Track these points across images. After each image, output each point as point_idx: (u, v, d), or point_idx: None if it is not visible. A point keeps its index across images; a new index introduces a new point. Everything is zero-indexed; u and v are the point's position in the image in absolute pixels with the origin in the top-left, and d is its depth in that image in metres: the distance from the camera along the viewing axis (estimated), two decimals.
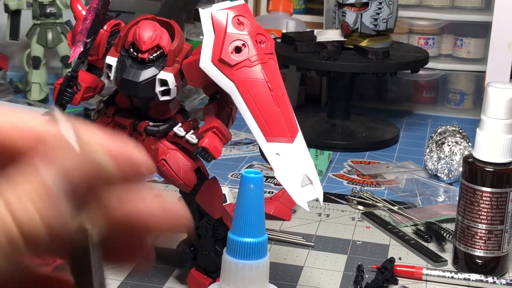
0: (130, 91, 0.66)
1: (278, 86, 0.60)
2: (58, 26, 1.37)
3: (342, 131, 1.22)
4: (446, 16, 1.38)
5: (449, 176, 1.02)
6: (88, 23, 0.65)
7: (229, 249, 0.53)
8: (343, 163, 1.10)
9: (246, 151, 1.14)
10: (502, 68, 1.21)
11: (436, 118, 1.39)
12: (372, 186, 1.01)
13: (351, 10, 1.19)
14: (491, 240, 0.74)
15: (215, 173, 0.96)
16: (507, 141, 0.72)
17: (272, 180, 1.01)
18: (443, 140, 1.03)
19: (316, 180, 0.60)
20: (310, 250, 0.81)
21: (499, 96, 0.72)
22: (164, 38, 0.65)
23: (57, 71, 1.45)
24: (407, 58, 1.20)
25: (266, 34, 0.62)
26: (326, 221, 0.88)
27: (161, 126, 0.67)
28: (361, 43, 1.20)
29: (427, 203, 0.94)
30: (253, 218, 0.53)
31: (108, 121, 0.70)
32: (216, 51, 0.60)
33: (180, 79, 0.65)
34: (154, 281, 0.72)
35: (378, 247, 0.82)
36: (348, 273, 0.75)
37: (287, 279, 0.74)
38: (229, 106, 0.65)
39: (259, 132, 0.59)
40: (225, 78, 0.60)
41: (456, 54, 1.40)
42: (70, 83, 0.68)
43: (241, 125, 1.13)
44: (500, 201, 0.73)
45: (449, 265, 0.78)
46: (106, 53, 0.67)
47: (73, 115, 0.78)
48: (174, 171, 0.66)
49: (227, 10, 0.61)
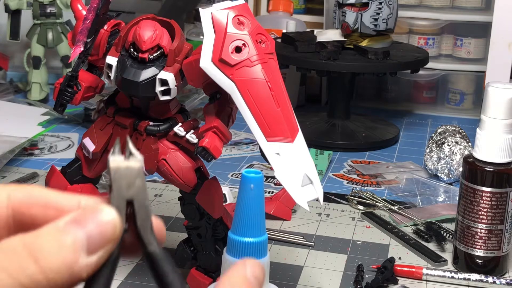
0: (130, 91, 0.66)
1: (278, 86, 0.60)
2: (58, 26, 1.37)
3: (342, 131, 1.22)
4: (446, 16, 1.38)
5: (449, 176, 1.02)
6: (89, 23, 0.65)
7: (229, 248, 0.53)
8: (343, 163, 1.10)
9: (246, 151, 1.14)
10: (502, 68, 1.21)
11: (436, 118, 1.39)
12: (372, 186, 1.01)
13: (351, 10, 1.19)
14: (491, 240, 0.74)
15: (215, 173, 0.96)
16: (507, 141, 0.72)
17: (272, 180, 1.01)
18: (443, 140, 1.03)
19: (316, 180, 0.60)
20: (310, 250, 0.81)
21: (499, 96, 0.72)
22: (164, 38, 0.65)
23: (57, 71, 1.45)
24: (407, 58, 1.20)
25: (267, 34, 0.62)
26: (326, 221, 0.88)
27: (161, 126, 0.67)
28: (361, 43, 1.20)
29: (427, 203, 0.94)
30: (253, 218, 0.53)
31: (109, 120, 0.70)
32: (216, 51, 0.60)
33: (181, 79, 0.65)
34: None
35: (378, 247, 0.82)
36: (348, 273, 0.76)
37: (287, 279, 0.74)
38: (229, 106, 0.65)
39: (259, 132, 0.59)
40: (225, 78, 0.60)
41: (456, 54, 1.40)
42: (70, 82, 0.68)
43: (241, 125, 1.13)
44: (500, 201, 0.73)
45: (449, 265, 0.78)
46: (106, 53, 0.67)
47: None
48: (174, 171, 0.66)
49: (227, 10, 0.61)
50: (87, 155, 0.71)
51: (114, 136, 0.69)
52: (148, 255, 0.30)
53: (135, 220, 0.30)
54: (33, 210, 0.30)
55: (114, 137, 0.69)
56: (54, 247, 0.27)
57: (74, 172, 0.72)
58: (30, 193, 0.30)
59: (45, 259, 0.26)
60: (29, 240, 0.27)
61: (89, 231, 0.28)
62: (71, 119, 1.25)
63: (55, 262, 0.27)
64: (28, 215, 0.30)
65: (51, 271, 0.26)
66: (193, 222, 0.70)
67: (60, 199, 0.30)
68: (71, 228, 0.28)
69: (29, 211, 0.30)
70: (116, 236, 0.29)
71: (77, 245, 0.27)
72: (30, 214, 0.30)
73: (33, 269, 0.26)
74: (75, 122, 1.24)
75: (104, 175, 0.97)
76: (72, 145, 1.13)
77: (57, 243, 0.27)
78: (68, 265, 0.27)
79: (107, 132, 0.70)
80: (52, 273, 0.26)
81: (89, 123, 0.99)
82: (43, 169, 1.02)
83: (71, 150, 1.11)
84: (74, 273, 0.27)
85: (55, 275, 0.26)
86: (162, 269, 0.30)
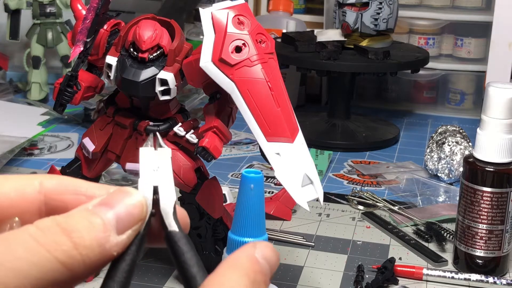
0: (130, 91, 0.66)
1: (278, 85, 0.60)
2: (58, 25, 1.37)
3: (342, 131, 1.22)
4: (447, 16, 1.38)
5: (449, 176, 1.02)
6: (88, 22, 0.65)
7: (229, 249, 0.53)
8: (343, 163, 1.10)
9: (246, 151, 1.14)
10: (503, 68, 1.21)
11: (436, 118, 1.38)
12: (372, 186, 1.01)
13: (351, 10, 1.18)
14: (492, 240, 0.74)
15: (215, 173, 0.96)
16: (508, 141, 0.72)
17: (272, 180, 1.01)
18: (443, 140, 1.03)
19: (316, 180, 0.60)
20: (310, 250, 0.81)
21: (499, 96, 0.72)
22: (164, 37, 0.65)
23: (57, 70, 1.44)
24: (407, 58, 1.20)
25: (267, 34, 0.62)
26: (326, 221, 0.88)
27: (161, 126, 0.67)
28: (361, 43, 1.20)
29: (427, 203, 0.94)
30: (253, 218, 0.53)
31: (108, 120, 0.70)
32: (216, 50, 0.60)
33: (180, 78, 0.65)
34: (154, 281, 0.72)
35: (379, 247, 0.82)
36: (348, 273, 0.75)
37: (287, 279, 0.74)
38: (230, 105, 0.64)
39: (259, 132, 0.59)
40: (225, 78, 0.59)
41: (456, 54, 1.40)
42: (70, 82, 0.68)
43: (241, 125, 1.13)
44: (500, 201, 0.73)
45: (450, 265, 0.78)
46: (106, 53, 0.67)
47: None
48: (174, 171, 0.66)
49: (227, 10, 0.61)
50: (87, 155, 0.71)
51: (114, 136, 0.69)
52: (168, 235, 0.31)
53: (158, 204, 0.31)
54: (65, 196, 0.31)
55: (114, 137, 0.69)
56: (85, 226, 0.28)
57: (74, 172, 0.72)
58: (61, 181, 0.31)
59: (78, 236, 0.27)
60: (61, 220, 0.28)
61: (117, 211, 0.29)
62: (70, 119, 1.25)
63: (88, 239, 0.28)
64: (60, 201, 0.31)
65: (84, 247, 0.27)
66: (193, 222, 0.70)
67: (90, 187, 0.31)
68: (101, 209, 0.29)
69: (61, 198, 0.31)
70: (144, 216, 0.30)
71: (107, 225, 0.28)
72: (62, 200, 0.31)
73: (68, 244, 0.27)
74: (75, 122, 1.24)
75: (104, 175, 0.97)
76: (72, 145, 1.13)
77: (88, 222, 0.28)
78: (99, 242, 0.28)
79: (107, 132, 0.70)
80: (85, 249, 0.27)
81: (89, 123, 0.99)
82: (42, 169, 1.02)
83: (71, 150, 1.11)
84: (106, 250, 0.28)
85: (88, 251, 0.27)
86: (181, 248, 0.30)
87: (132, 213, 0.29)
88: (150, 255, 0.76)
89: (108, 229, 0.28)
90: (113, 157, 0.70)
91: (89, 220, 0.28)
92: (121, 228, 0.29)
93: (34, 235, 0.27)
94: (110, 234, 0.28)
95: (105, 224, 0.28)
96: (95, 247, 0.28)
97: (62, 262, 0.27)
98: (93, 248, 0.28)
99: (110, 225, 0.28)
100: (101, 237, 0.28)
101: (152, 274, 0.73)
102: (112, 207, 0.29)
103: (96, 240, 0.28)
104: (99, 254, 0.28)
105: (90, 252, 0.28)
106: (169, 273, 0.73)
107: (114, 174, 0.99)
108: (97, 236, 0.28)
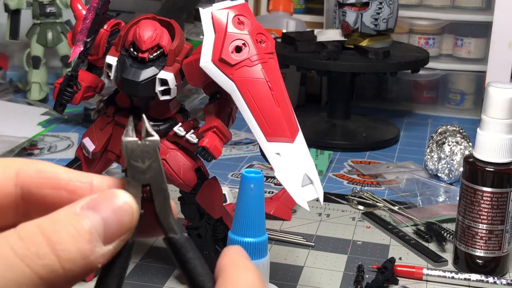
0: (130, 91, 0.66)
1: (278, 85, 0.60)
2: (58, 25, 1.37)
3: (342, 131, 1.22)
4: (447, 16, 1.38)
5: (449, 176, 1.02)
6: (88, 22, 0.65)
7: None
8: (343, 163, 1.10)
9: (246, 151, 1.14)
10: (503, 68, 1.21)
11: (436, 118, 1.38)
12: (373, 186, 1.01)
13: (351, 10, 1.18)
14: (492, 240, 0.74)
15: (215, 173, 0.96)
16: (508, 141, 0.72)
17: (273, 180, 1.01)
18: (443, 140, 1.03)
19: (316, 180, 0.60)
20: (310, 250, 0.81)
21: (499, 96, 0.72)
22: (164, 37, 0.65)
23: (57, 70, 1.44)
24: (407, 58, 1.19)
25: (267, 34, 0.62)
26: (327, 221, 0.88)
27: (161, 126, 0.67)
28: (361, 43, 1.20)
29: (427, 203, 0.94)
30: (253, 218, 0.53)
31: (108, 120, 0.70)
32: (216, 50, 0.60)
33: (180, 78, 0.65)
34: (154, 281, 0.72)
35: (379, 247, 0.82)
36: (349, 273, 0.75)
37: (287, 279, 0.74)
38: (230, 105, 0.64)
39: (260, 132, 0.59)
40: (225, 78, 0.59)
41: (456, 54, 1.40)
42: (70, 82, 0.68)
43: (241, 125, 1.13)
44: (500, 201, 0.73)
45: (450, 265, 0.78)
46: (106, 53, 0.67)
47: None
48: (174, 171, 0.66)
49: (228, 10, 0.60)
50: (87, 155, 0.71)
51: (114, 136, 0.69)
52: (170, 241, 0.29)
53: (153, 205, 0.29)
54: (44, 190, 0.29)
55: (114, 137, 0.69)
56: (71, 235, 0.26)
57: None
58: (40, 171, 0.29)
59: (62, 249, 0.26)
60: (46, 226, 0.26)
61: (105, 218, 0.27)
62: (70, 119, 1.25)
63: (72, 251, 0.26)
64: (38, 195, 0.29)
65: (68, 261, 0.26)
66: (193, 222, 0.70)
67: (71, 177, 0.29)
68: (88, 214, 0.27)
69: (40, 191, 0.29)
70: (133, 224, 0.28)
71: (93, 234, 0.27)
72: (41, 194, 0.29)
73: (51, 258, 0.26)
74: (75, 122, 1.24)
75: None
76: (72, 145, 1.13)
77: (74, 231, 0.26)
78: (84, 255, 0.26)
79: (107, 132, 0.70)
80: (69, 263, 0.26)
81: (89, 123, 0.99)
82: None
83: (70, 150, 1.11)
84: (90, 263, 0.26)
85: (71, 265, 0.26)
86: (185, 255, 0.29)
87: (121, 220, 0.27)
88: (150, 255, 0.76)
89: (94, 239, 0.27)
90: (113, 157, 0.70)
91: (76, 228, 0.26)
92: (109, 238, 0.27)
93: (14, 247, 0.25)
94: (96, 245, 0.27)
95: (91, 233, 0.27)
96: (79, 260, 0.26)
97: (42, 277, 0.25)
98: (76, 262, 0.26)
99: (96, 234, 0.27)
100: (86, 249, 0.26)
101: (152, 274, 0.73)
102: (99, 211, 0.27)
103: (81, 253, 0.26)
104: (83, 266, 0.26)
105: (73, 265, 0.26)
106: (169, 273, 0.73)
107: (114, 174, 0.99)
108: (82, 248, 0.26)
